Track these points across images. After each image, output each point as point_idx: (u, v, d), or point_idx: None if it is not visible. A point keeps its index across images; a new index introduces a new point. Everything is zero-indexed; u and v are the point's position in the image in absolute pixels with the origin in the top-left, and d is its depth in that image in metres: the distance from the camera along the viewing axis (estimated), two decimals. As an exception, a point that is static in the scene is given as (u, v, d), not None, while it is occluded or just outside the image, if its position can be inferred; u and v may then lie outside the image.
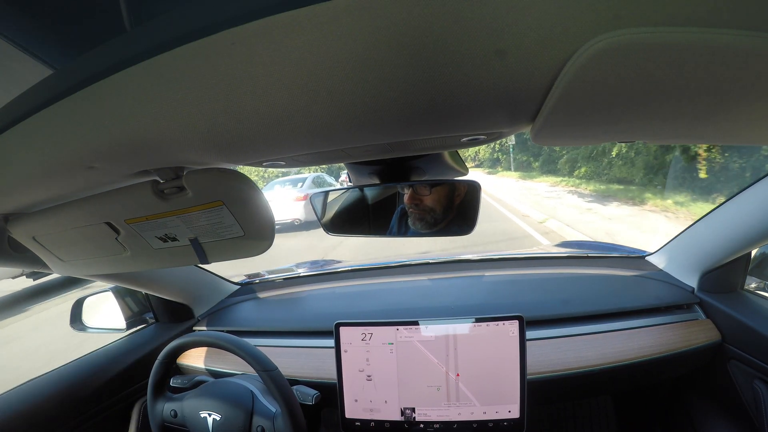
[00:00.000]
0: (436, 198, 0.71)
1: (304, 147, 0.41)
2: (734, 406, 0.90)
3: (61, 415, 0.88)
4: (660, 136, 0.45)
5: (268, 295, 1.31)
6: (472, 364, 0.83)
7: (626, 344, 0.90)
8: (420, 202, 0.71)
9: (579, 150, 10.34)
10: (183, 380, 0.89)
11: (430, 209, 0.71)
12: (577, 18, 0.20)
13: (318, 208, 0.80)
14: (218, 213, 0.46)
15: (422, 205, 0.71)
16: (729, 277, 0.95)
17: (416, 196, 0.70)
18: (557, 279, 1.18)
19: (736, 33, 0.20)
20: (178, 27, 0.22)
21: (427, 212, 0.72)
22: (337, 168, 14.50)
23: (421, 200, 0.71)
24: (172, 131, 0.32)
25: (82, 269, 0.65)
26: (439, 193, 0.71)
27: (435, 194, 0.71)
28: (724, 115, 0.31)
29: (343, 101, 0.29)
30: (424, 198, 0.71)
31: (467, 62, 0.24)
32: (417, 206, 0.71)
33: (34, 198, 0.51)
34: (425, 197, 0.70)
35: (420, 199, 0.71)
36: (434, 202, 0.71)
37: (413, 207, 0.71)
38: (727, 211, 0.88)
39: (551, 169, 12.94)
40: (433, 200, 0.71)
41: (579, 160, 10.63)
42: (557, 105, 0.29)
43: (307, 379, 0.94)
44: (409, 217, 0.72)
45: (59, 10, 0.36)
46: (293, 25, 0.20)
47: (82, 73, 0.25)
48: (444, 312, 1.05)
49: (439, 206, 0.71)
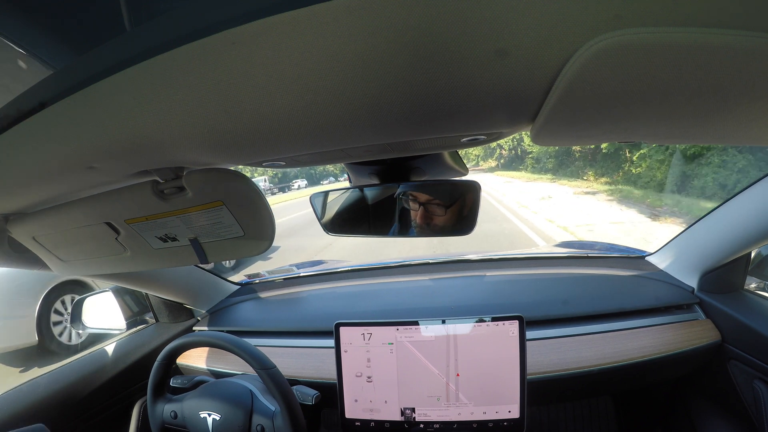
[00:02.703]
0: (449, 217, 0.65)
1: (304, 147, 0.41)
2: (734, 406, 0.90)
3: (61, 415, 0.88)
4: (660, 136, 0.45)
5: (268, 295, 1.31)
6: (472, 364, 0.83)
7: (626, 344, 0.90)
8: (431, 221, 0.65)
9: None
10: (183, 380, 0.89)
11: (440, 228, 0.66)
12: (577, 18, 0.20)
13: (318, 208, 0.80)
14: (218, 213, 0.46)
15: (433, 225, 0.66)
16: (729, 277, 0.95)
17: (428, 215, 0.64)
18: (557, 279, 1.18)
19: (736, 33, 0.20)
20: (178, 27, 0.22)
21: (436, 232, 0.67)
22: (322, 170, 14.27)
23: (433, 219, 0.65)
24: (172, 131, 0.32)
25: (82, 269, 0.65)
26: (453, 212, 0.65)
27: (450, 214, 0.65)
28: (724, 115, 0.31)
29: (344, 101, 0.29)
30: (436, 218, 0.65)
31: (467, 62, 0.24)
32: (428, 225, 0.65)
33: (34, 198, 0.51)
34: (437, 217, 0.64)
35: (431, 218, 0.65)
36: (445, 221, 0.66)
37: (423, 227, 0.65)
38: (727, 211, 0.88)
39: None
40: (444, 220, 0.65)
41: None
42: (557, 105, 0.29)
43: (307, 379, 0.94)
44: (416, 230, 0.67)
45: (59, 10, 0.36)
46: (293, 25, 0.20)
47: (82, 73, 0.25)
48: (444, 312, 1.05)
49: (450, 223, 0.66)
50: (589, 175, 13.76)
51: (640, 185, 9.89)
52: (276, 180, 33.16)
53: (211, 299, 1.25)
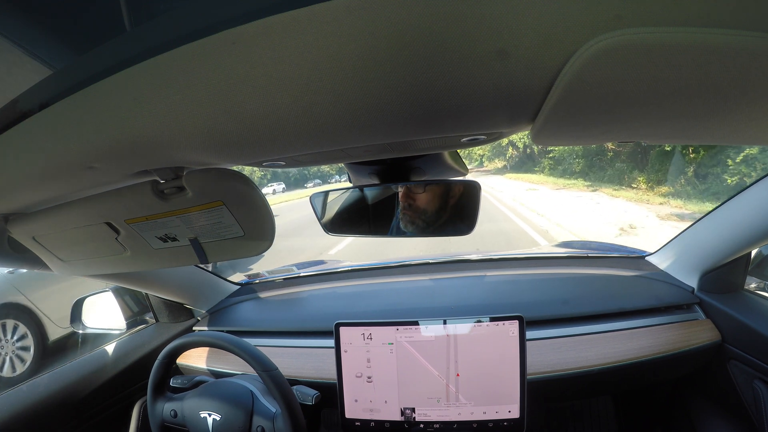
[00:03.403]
0: (429, 198, 0.71)
1: (304, 147, 0.41)
2: (734, 406, 0.90)
3: (61, 415, 0.88)
4: (660, 136, 0.45)
5: (268, 295, 1.31)
6: (472, 364, 0.83)
7: (626, 344, 0.90)
8: (413, 201, 0.71)
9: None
10: (183, 380, 0.89)
11: (422, 210, 0.72)
12: (577, 18, 0.20)
13: (318, 209, 0.80)
14: (218, 213, 0.46)
15: (415, 206, 0.72)
16: (729, 277, 0.95)
17: (410, 194, 0.71)
18: (557, 279, 1.18)
19: (736, 33, 0.20)
20: (178, 27, 0.22)
21: (418, 215, 0.72)
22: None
23: (414, 199, 0.71)
24: (172, 131, 0.32)
25: (82, 269, 0.65)
26: (432, 193, 0.71)
27: (428, 193, 0.71)
28: (724, 115, 0.31)
29: (344, 101, 0.29)
30: (417, 196, 0.71)
31: (467, 62, 0.24)
32: (410, 206, 0.72)
33: (34, 198, 0.51)
34: (418, 195, 0.71)
35: (413, 198, 0.71)
36: (426, 203, 0.71)
37: (406, 207, 0.72)
38: (727, 211, 0.88)
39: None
40: (425, 200, 0.71)
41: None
42: (557, 105, 0.29)
43: (307, 379, 0.94)
44: (401, 219, 0.73)
45: (59, 10, 0.36)
46: (293, 25, 0.20)
47: (82, 73, 0.25)
48: (444, 312, 1.05)
49: (431, 207, 0.72)
50: (640, 182, 9.78)
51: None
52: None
53: (211, 299, 1.25)
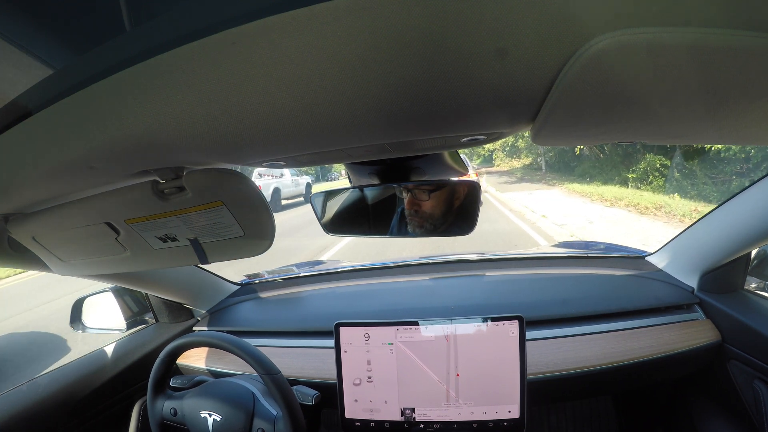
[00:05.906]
0: (434, 203, 0.71)
1: (304, 147, 0.41)
2: (734, 406, 0.90)
3: (61, 415, 0.88)
4: (660, 136, 0.45)
5: (268, 296, 1.31)
6: (472, 364, 0.83)
7: (626, 344, 0.90)
8: (419, 208, 0.71)
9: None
10: (183, 380, 0.89)
11: (428, 215, 0.72)
12: (578, 18, 0.20)
13: (318, 209, 0.80)
14: (218, 213, 0.46)
15: (421, 212, 0.72)
16: (729, 277, 0.95)
17: (415, 201, 0.71)
18: (557, 279, 1.18)
19: (736, 33, 0.20)
20: (178, 27, 0.22)
21: (425, 219, 0.72)
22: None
23: (420, 205, 0.71)
24: (172, 131, 0.32)
25: (82, 269, 0.65)
26: (438, 198, 0.71)
27: (434, 200, 0.71)
28: (724, 115, 0.31)
29: (344, 101, 0.29)
30: (422, 203, 0.71)
31: (467, 62, 0.24)
32: (416, 213, 0.72)
33: (34, 198, 0.51)
34: (424, 203, 0.71)
35: (419, 204, 0.71)
36: (433, 207, 0.71)
37: (413, 214, 0.72)
38: (727, 211, 0.88)
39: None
40: (431, 206, 0.71)
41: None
42: (557, 105, 0.29)
43: (307, 379, 0.94)
44: (409, 224, 0.73)
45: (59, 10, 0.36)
46: (293, 25, 0.20)
47: (82, 73, 0.25)
48: (444, 312, 1.05)
49: (438, 211, 0.72)
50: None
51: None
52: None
53: (211, 299, 1.25)
